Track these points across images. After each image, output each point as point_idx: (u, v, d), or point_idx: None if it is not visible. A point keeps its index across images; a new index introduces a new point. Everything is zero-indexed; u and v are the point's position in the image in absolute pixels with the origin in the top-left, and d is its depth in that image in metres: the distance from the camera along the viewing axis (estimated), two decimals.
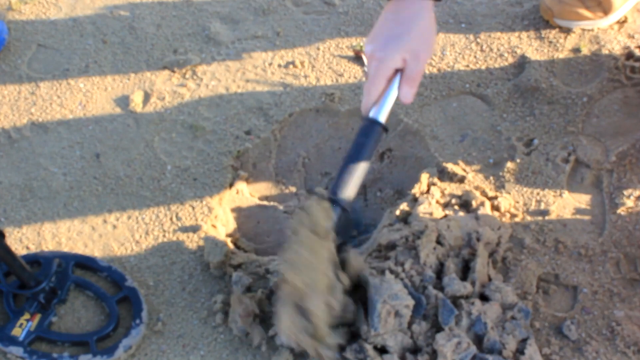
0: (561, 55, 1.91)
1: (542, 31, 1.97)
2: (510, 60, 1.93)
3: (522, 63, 1.91)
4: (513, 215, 1.67)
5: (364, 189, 1.85)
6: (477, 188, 1.71)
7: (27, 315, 1.55)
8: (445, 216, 1.62)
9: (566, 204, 1.67)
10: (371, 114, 1.35)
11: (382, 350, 1.44)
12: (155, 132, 1.90)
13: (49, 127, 1.93)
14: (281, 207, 1.80)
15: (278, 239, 1.76)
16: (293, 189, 1.85)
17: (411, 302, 1.41)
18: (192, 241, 1.72)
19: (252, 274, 1.64)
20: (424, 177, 1.71)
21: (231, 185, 1.82)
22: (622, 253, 1.58)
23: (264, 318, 1.57)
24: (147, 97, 1.97)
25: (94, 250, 1.72)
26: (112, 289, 1.65)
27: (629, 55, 1.85)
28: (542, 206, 1.67)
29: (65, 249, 1.72)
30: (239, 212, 1.81)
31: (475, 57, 1.95)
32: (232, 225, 1.78)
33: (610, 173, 1.70)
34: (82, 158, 1.87)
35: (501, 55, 1.94)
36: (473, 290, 1.47)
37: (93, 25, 2.14)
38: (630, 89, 1.82)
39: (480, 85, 1.90)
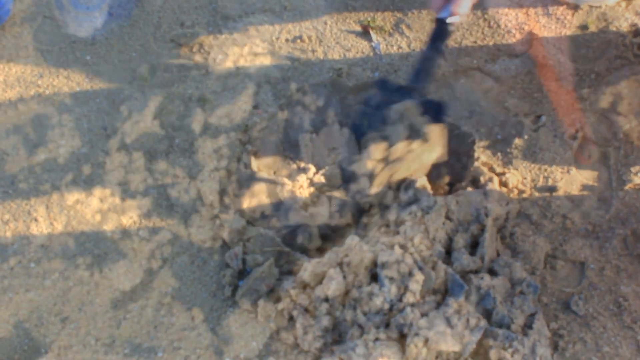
0: (569, 32, 1.90)
1: (550, 8, 1.97)
2: (518, 36, 1.92)
3: (529, 39, 1.91)
4: (521, 191, 1.68)
5: None
6: (485, 164, 1.72)
7: None
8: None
9: (573, 180, 1.68)
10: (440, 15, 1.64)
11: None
12: (163, 106, 1.90)
13: (56, 99, 1.92)
14: (288, 182, 1.80)
15: (285, 213, 1.76)
16: (300, 164, 1.85)
17: (421, 277, 1.42)
18: (200, 214, 1.73)
19: (259, 247, 1.66)
20: None
21: (238, 159, 1.82)
22: (629, 229, 1.59)
23: (271, 292, 1.59)
24: (154, 71, 1.96)
25: (103, 222, 1.72)
26: None
27: (637, 33, 1.84)
28: (550, 182, 1.68)
29: (74, 221, 1.73)
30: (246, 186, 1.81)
31: (483, 33, 1.95)
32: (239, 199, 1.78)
33: (617, 150, 1.71)
34: (89, 131, 1.87)
35: (509, 32, 1.94)
36: (482, 265, 1.48)
37: None
38: (638, 66, 1.82)
39: (488, 61, 1.89)
